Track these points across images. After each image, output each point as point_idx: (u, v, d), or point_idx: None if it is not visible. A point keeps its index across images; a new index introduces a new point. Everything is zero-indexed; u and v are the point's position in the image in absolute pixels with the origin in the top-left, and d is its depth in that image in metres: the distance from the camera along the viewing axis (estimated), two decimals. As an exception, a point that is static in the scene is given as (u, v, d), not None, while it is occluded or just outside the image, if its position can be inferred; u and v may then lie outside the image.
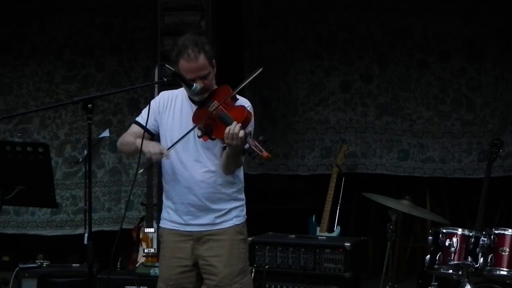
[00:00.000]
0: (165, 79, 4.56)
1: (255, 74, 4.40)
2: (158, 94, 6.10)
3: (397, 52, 7.74)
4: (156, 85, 6.46)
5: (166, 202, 4.53)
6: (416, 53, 7.72)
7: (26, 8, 7.80)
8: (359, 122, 7.83)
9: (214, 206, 4.42)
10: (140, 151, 4.26)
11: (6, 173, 4.44)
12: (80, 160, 7.25)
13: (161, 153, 4.29)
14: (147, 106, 4.45)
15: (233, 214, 4.46)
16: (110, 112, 7.83)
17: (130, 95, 7.82)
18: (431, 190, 7.83)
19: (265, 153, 4.04)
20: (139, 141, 4.31)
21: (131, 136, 4.50)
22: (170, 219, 4.51)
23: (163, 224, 4.56)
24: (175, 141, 4.36)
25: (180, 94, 4.50)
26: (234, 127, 4.10)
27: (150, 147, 4.30)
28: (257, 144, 4.08)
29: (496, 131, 7.56)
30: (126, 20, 7.80)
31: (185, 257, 4.46)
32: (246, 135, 4.11)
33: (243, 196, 4.55)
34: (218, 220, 4.43)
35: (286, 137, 7.85)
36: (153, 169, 5.48)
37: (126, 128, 7.72)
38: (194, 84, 4.32)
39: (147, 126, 4.45)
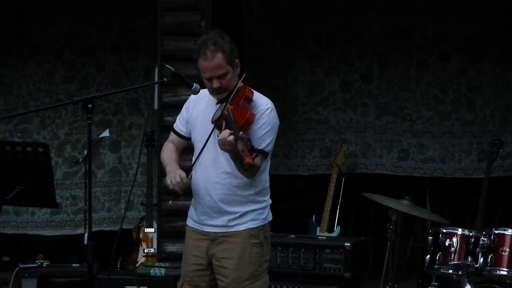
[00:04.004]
0: (165, 79, 4.56)
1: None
2: (158, 94, 6.08)
3: (397, 52, 7.74)
4: (156, 85, 6.45)
5: (192, 200, 4.53)
6: (416, 53, 7.71)
7: (26, 8, 7.79)
8: (359, 122, 7.82)
9: (229, 209, 4.36)
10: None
11: (6, 173, 4.45)
12: (80, 160, 7.25)
13: (182, 181, 4.23)
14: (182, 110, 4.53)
15: (248, 217, 4.38)
16: (110, 112, 7.83)
17: (130, 95, 7.83)
18: (431, 190, 7.82)
19: (246, 159, 3.97)
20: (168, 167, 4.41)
21: (169, 147, 4.53)
22: (192, 217, 4.51)
23: (187, 221, 4.56)
24: (196, 139, 4.40)
25: (208, 92, 4.44)
26: (224, 133, 4.06)
27: (171, 176, 4.28)
28: (245, 149, 4.00)
29: (496, 131, 7.55)
30: (126, 20, 7.80)
31: (200, 255, 4.44)
32: (237, 138, 4.02)
33: (264, 198, 4.44)
34: (231, 223, 4.37)
35: (286, 137, 7.84)
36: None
37: (126, 128, 7.81)
38: (194, 84, 4.32)
39: (181, 133, 4.52)
